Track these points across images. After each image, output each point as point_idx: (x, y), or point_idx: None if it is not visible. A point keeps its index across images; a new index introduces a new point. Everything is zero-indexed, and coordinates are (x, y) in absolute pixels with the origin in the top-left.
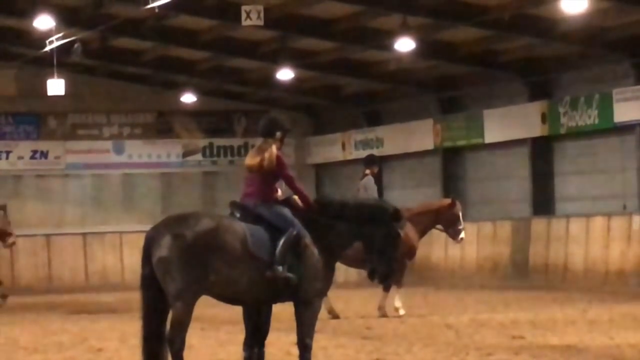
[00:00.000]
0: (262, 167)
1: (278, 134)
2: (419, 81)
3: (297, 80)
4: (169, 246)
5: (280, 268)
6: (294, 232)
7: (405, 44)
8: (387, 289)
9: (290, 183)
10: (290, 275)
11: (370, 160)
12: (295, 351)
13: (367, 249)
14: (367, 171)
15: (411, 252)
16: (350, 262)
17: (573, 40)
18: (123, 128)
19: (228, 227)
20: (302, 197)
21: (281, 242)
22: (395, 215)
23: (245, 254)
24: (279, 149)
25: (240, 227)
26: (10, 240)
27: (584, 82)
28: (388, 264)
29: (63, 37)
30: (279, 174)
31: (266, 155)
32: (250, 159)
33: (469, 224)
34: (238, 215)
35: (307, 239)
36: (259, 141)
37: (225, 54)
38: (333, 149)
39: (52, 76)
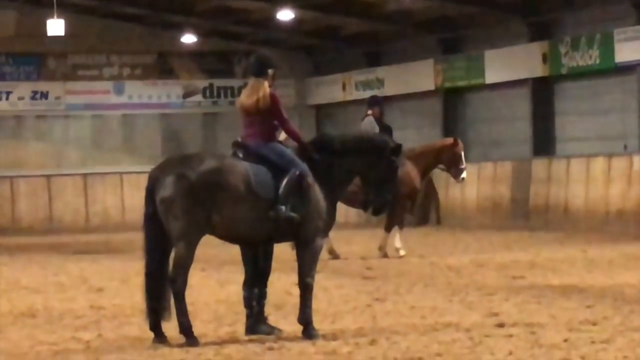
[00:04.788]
0: (258, 107)
1: (269, 71)
2: (419, 22)
3: (297, 21)
4: (172, 186)
5: (283, 208)
6: (297, 172)
7: None
8: (388, 229)
9: (282, 123)
10: (293, 214)
11: (373, 101)
12: (296, 291)
13: (365, 180)
14: (369, 112)
15: (413, 193)
16: (352, 203)
17: None
18: (123, 69)
19: (231, 167)
20: (295, 138)
21: (284, 181)
22: (395, 149)
23: (249, 194)
24: (270, 86)
25: (244, 167)
26: None
27: (585, 23)
28: (384, 196)
29: None
30: (272, 113)
31: (260, 94)
32: (246, 99)
33: (469, 164)
34: (241, 155)
35: (310, 178)
36: (250, 80)
37: None
38: (333, 89)
39: (51, 16)
